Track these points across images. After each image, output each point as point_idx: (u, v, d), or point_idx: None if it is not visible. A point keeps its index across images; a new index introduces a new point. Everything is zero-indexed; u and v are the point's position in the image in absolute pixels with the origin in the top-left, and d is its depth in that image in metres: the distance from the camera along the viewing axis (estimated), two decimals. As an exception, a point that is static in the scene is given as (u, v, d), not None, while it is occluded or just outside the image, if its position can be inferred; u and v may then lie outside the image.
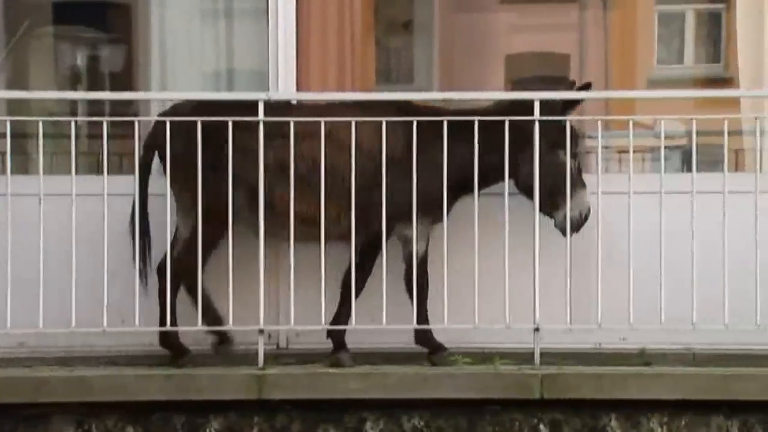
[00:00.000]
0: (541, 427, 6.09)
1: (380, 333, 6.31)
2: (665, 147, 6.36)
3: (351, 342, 6.46)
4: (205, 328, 6.35)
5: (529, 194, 6.41)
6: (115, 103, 7.05)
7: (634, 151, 6.40)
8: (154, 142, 6.44)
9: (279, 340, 6.97)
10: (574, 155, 6.44)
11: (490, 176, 6.42)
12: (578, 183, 6.46)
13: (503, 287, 6.23)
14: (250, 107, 6.31)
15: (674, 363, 6.43)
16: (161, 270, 6.40)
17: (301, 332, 6.84)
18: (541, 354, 6.26)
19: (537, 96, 6.30)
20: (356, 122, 6.29)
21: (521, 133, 6.31)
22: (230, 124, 6.20)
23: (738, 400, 5.98)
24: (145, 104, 7.43)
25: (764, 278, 6.21)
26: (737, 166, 7.14)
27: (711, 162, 6.94)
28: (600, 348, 6.89)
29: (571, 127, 6.41)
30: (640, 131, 6.85)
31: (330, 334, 6.45)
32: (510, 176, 6.37)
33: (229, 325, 6.28)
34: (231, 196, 6.22)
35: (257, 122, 6.22)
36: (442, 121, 6.28)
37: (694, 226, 6.22)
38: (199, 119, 6.22)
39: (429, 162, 6.34)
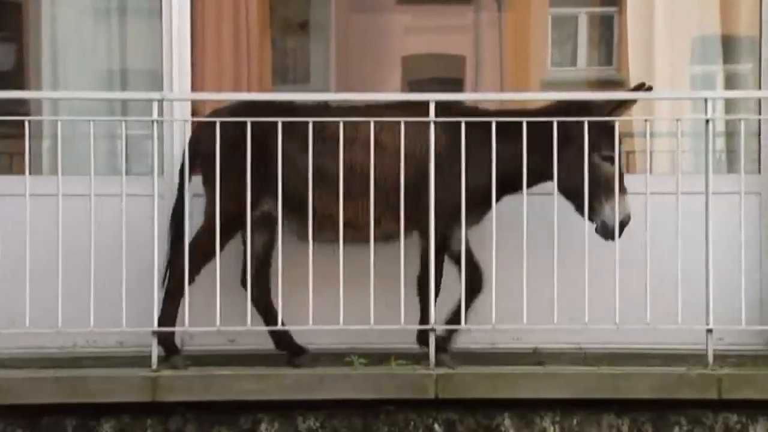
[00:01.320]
0: (436, 426, 6.12)
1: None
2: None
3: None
4: (94, 329, 6.26)
5: (569, 196, 6.40)
6: (3, 102, 6.92)
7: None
8: (195, 144, 6.44)
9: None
10: (611, 159, 6.37)
11: (528, 178, 6.31)
12: (615, 188, 6.36)
13: (399, 288, 6.24)
14: (292, 110, 6.34)
15: (566, 362, 6.51)
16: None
17: (195, 334, 6.80)
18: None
19: (432, 98, 6.31)
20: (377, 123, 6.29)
21: (560, 136, 6.27)
22: (247, 125, 6.17)
23: (628, 398, 6.06)
24: (36, 103, 7.32)
25: (654, 278, 6.31)
26: (628, 167, 7.24)
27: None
28: (495, 348, 6.95)
29: (610, 130, 6.37)
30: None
31: None
32: (551, 178, 6.36)
33: (122, 327, 6.21)
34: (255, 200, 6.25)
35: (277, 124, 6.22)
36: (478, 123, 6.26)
37: (586, 227, 6.30)
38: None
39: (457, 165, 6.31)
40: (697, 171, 6.72)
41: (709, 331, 6.22)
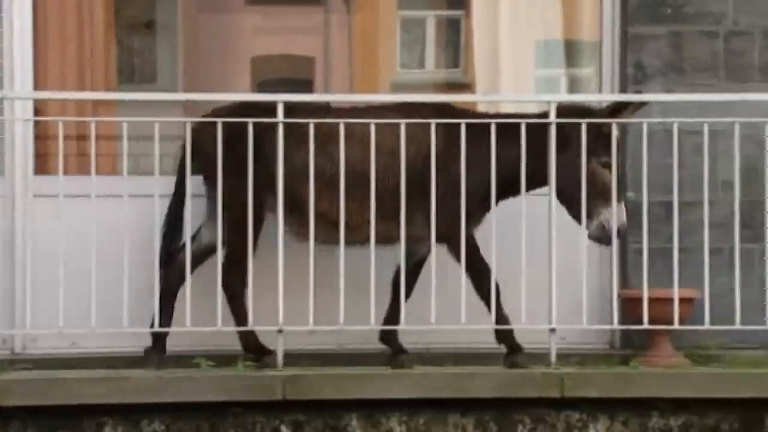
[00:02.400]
0: (283, 428, 6.11)
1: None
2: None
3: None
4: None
5: (564, 201, 6.40)
6: None
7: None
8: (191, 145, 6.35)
9: (14, 345, 6.78)
10: (608, 165, 6.38)
11: (521, 182, 6.35)
12: (611, 196, 6.38)
13: (248, 290, 6.23)
14: (291, 110, 6.28)
15: (414, 362, 6.55)
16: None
17: (38, 336, 6.68)
18: (285, 355, 6.28)
19: (280, 98, 6.30)
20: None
21: (558, 140, 6.29)
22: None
23: (473, 398, 6.12)
24: None
25: (500, 278, 6.40)
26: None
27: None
28: (343, 349, 6.97)
29: (607, 136, 6.39)
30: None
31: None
32: (548, 183, 6.37)
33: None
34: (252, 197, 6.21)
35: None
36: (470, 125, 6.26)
37: (433, 230, 6.34)
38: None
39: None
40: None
41: (552, 330, 6.33)
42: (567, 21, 7.62)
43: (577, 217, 6.41)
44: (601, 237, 6.42)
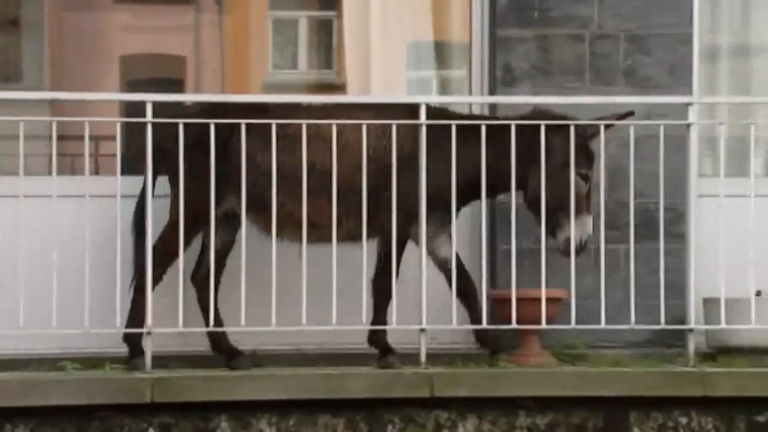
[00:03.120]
0: (151, 430, 6.05)
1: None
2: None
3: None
4: None
5: (536, 211, 6.40)
6: None
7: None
8: (160, 144, 6.26)
9: None
10: (585, 177, 6.40)
11: (495, 185, 6.40)
12: (583, 207, 6.41)
13: (114, 290, 6.16)
14: (260, 110, 6.25)
15: (285, 364, 6.55)
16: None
17: None
18: (154, 358, 6.23)
19: (149, 98, 6.24)
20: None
21: (533, 145, 6.27)
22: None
23: (343, 398, 6.13)
24: None
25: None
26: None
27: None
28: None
29: (587, 148, 6.40)
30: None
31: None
32: (519, 188, 6.38)
33: None
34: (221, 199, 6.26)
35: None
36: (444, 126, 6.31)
37: (304, 231, 6.34)
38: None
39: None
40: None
41: (422, 330, 6.37)
42: (437, 23, 7.70)
43: (546, 228, 6.44)
44: (566, 249, 6.47)
